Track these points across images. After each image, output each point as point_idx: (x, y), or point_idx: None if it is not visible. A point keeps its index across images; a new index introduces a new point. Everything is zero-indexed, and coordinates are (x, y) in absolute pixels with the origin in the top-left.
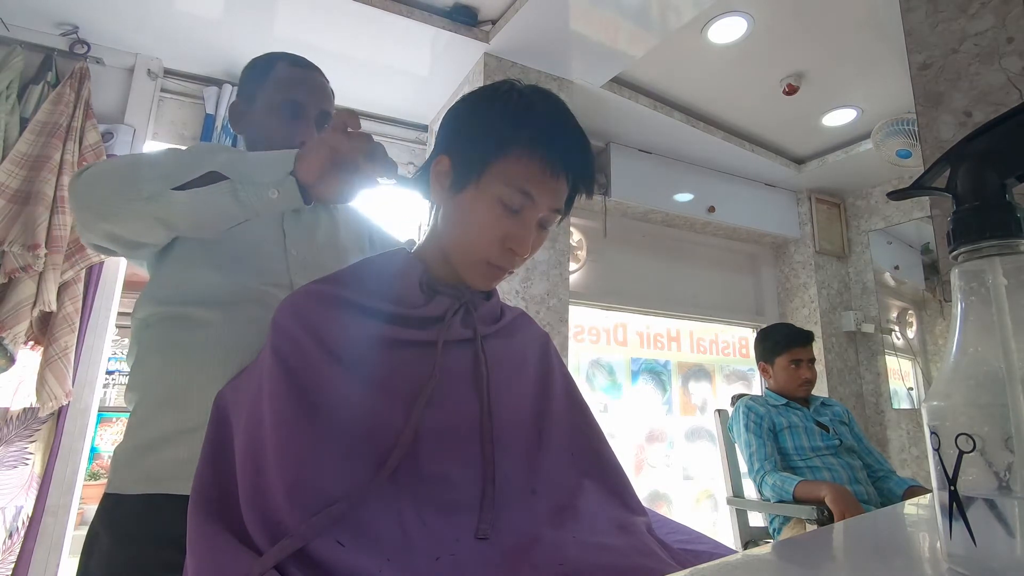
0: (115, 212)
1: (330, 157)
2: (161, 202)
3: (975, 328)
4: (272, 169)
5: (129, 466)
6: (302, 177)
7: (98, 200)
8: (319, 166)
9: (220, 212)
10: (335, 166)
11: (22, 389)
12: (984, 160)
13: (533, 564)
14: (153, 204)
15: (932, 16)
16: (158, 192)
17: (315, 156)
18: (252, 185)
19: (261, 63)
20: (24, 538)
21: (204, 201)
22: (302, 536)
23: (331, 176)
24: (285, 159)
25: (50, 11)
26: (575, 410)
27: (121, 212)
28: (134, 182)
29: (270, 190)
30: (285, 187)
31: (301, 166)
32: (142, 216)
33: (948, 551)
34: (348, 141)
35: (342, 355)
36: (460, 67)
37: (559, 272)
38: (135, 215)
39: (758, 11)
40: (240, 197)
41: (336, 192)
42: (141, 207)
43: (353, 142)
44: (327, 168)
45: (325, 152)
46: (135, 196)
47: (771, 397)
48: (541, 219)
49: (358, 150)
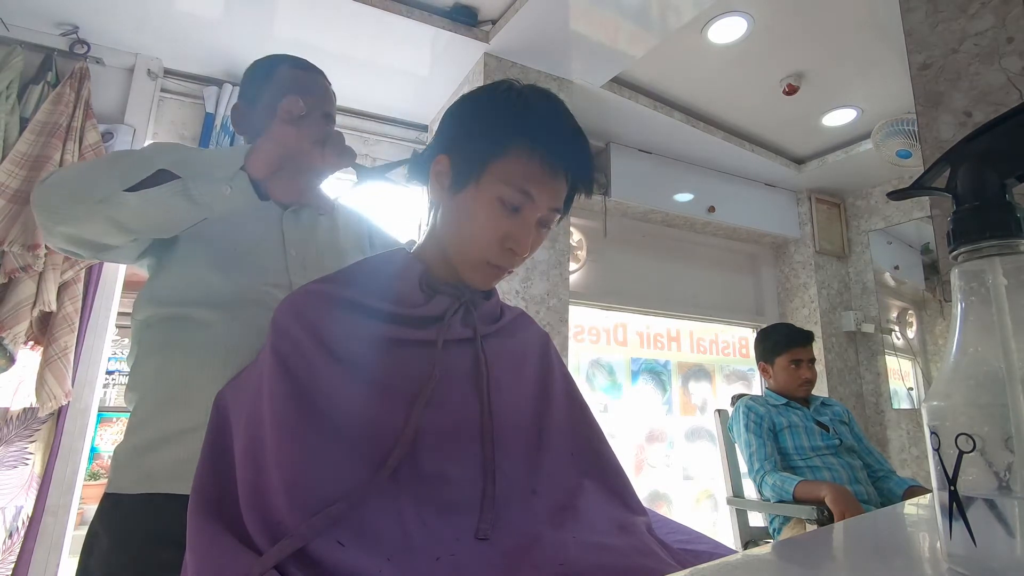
0: (70, 215)
1: (278, 150)
2: (113, 203)
3: (975, 328)
4: (223, 165)
5: (129, 466)
6: (252, 172)
7: (54, 204)
8: (269, 159)
9: (173, 211)
10: (287, 159)
11: (22, 389)
12: (984, 160)
13: (533, 564)
14: (105, 206)
15: (932, 16)
16: (109, 194)
17: (264, 150)
18: (204, 182)
19: (264, 65)
20: (24, 538)
21: (155, 201)
22: (302, 536)
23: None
24: (236, 155)
25: (50, 11)
26: (575, 410)
27: (75, 215)
28: (87, 185)
29: (222, 186)
30: (237, 182)
31: (251, 161)
32: (96, 218)
33: (948, 551)
34: (295, 131)
35: (342, 355)
36: (460, 67)
37: (559, 272)
38: (89, 217)
39: (758, 11)
40: (192, 195)
41: (293, 187)
42: (94, 209)
43: (302, 131)
44: (277, 162)
45: (272, 145)
46: (88, 198)
47: (771, 397)
48: (541, 218)
49: (306, 139)
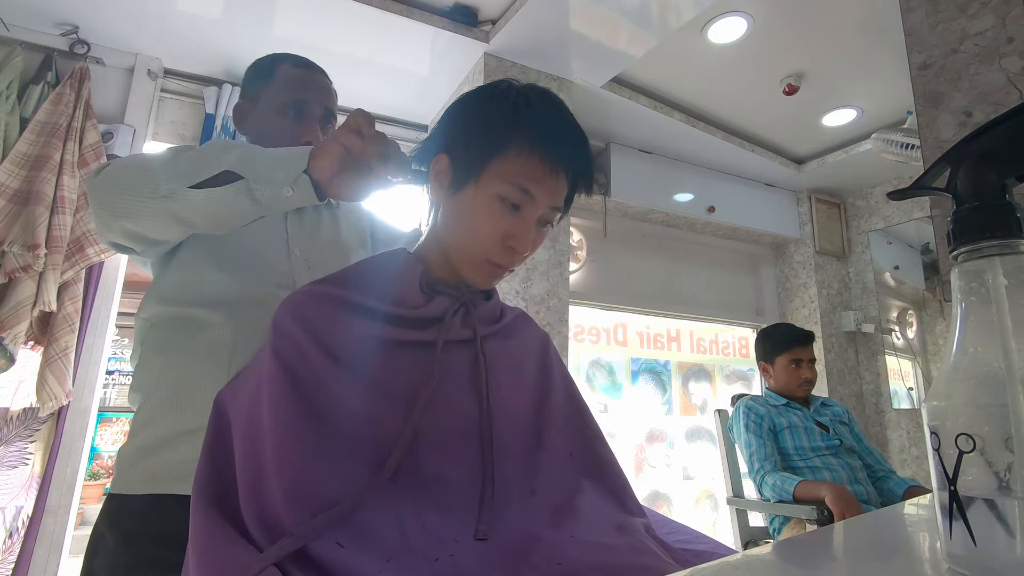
0: (133, 210)
1: (344, 156)
2: (178, 200)
3: (975, 328)
4: (286, 168)
5: (133, 467)
6: (316, 175)
7: (116, 198)
8: (333, 165)
9: (235, 210)
10: (349, 166)
11: (22, 389)
12: (984, 160)
13: (532, 564)
14: (170, 202)
15: (932, 16)
16: (174, 190)
17: (329, 155)
18: (266, 184)
19: (265, 64)
20: (24, 538)
21: (220, 200)
22: (302, 536)
23: (345, 175)
24: (299, 157)
25: (50, 11)
26: (574, 411)
27: (139, 210)
28: (151, 180)
29: (285, 188)
30: (299, 185)
31: (315, 164)
32: (159, 214)
33: (948, 551)
34: (362, 143)
35: (341, 356)
36: (460, 67)
37: (559, 272)
38: (152, 213)
39: (758, 11)
40: (255, 195)
41: (350, 191)
42: (158, 205)
43: (367, 144)
44: (340, 167)
45: (339, 151)
46: (152, 194)
47: (771, 397)
48: (541, 217)
49: (372, 151)
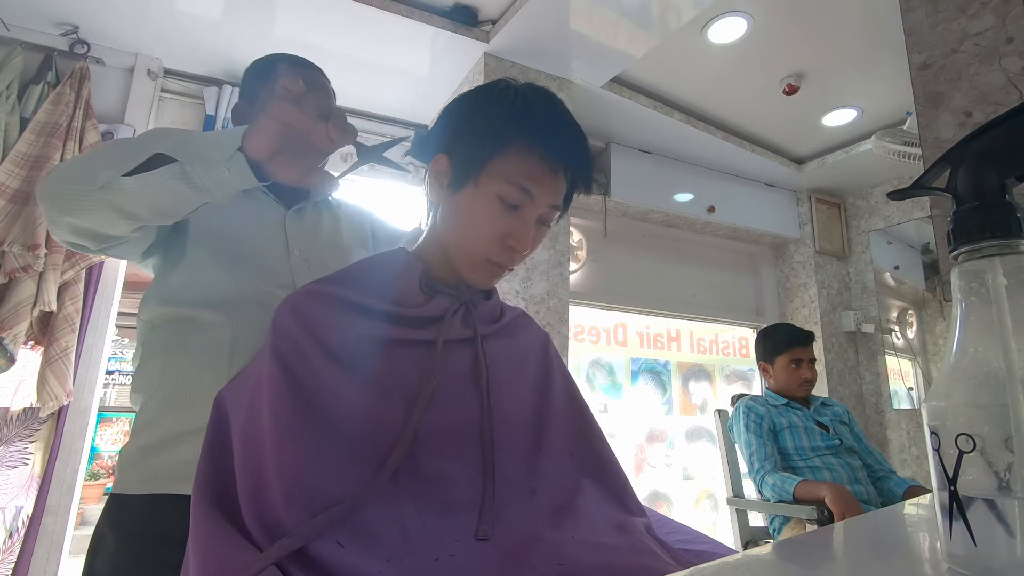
0: (74, 204)
1: (279, 129)
2: (114, 189)
3: (975, 328)
4: (220, 147)
5: (135, 467)
6: (251, 152)
7: (59, 194)
8: (267, 139)
9: (173, 195)
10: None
11: (22, 389)
12: (984, 160)
13: (532, 564)
14: (106, 192)
15: (932, 16)
16: (110, 179)
17: (262, 129)
18: (202, 164)
19: (263, 64)
20: (24, 538)
21: (154, 184)
22: (302, 536)
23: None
24: (233, 136)
25: (50, 11)
26: (575, 410)
27: (80, 205)
28: (89, 173)
29: (221, 168)
30: (235, 164)
31: (249, 142)
32: (100, 207)
33: (948, 551)
34: (297, 109)
35: (342, 355)
36: (460, 67)
37: (559, 272)
38: (93, 206)
39: (758, 11)
40: (191, 177)
41: (295, 169)
42: (98, 197)
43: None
44: (278, 142)
45: (272, 123)
46: (91, 186)
47: (771, 397)
48: (540, 216)
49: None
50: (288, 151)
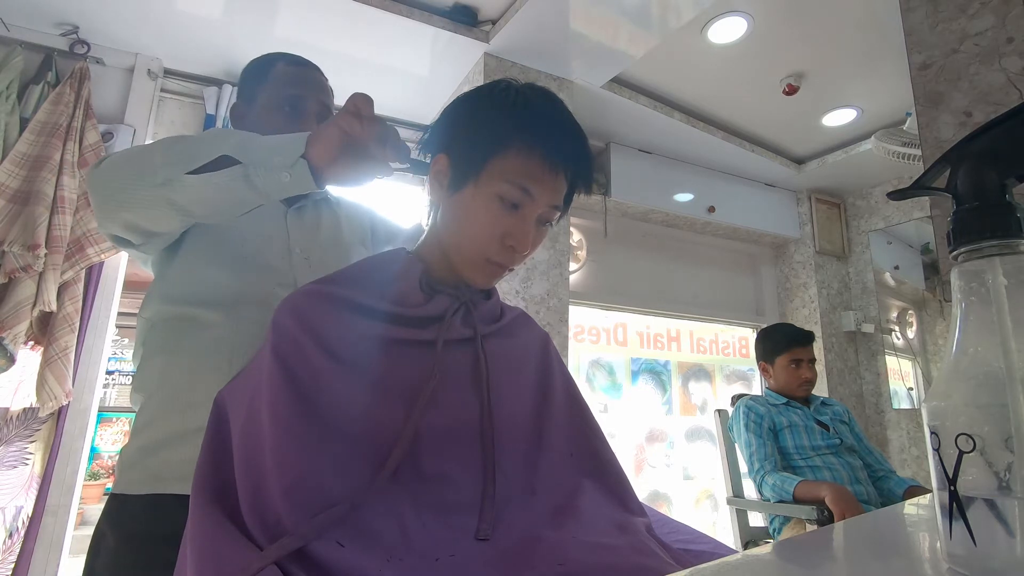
0: (132, 200)
1: (342, 140)
2: (175, 187)
3: (975, 328)
4: (284, 153)
5: (135, 467)
6: (314, 160)
7: (115, 188)
8: (331, 149)
9: (233, 196)
10: (347, 150)
11: (22, 389)
12: (984, 160)
13: (532, 564)
14: (167, 189)
15: (932, 16)
16: (172, 177)
17: (327, 139)
18: (264, 169)
19: (260, 63)
20: (24, 538)
21: (217, 185)
22: (302, 535)
23: (343, 160)
24: (297, 142)
25: (50, 11)
26: (575, 410)
27: (137, 199)
28: (149, 168)
29: (282, 173)
30: (297, 170)
31: (313, 149)
32: (157, 203)
33: (948, 551)
34: (360, 125)
35: (342, 355)
36: (460, 67)
37: (559, 272)
38: (151, 202)
39: (758, 11)
40: (253, 181)
41: (348, 177)
42: (156, 193)
43: (366, 126)
44: (339, 152)
45: (337, 135)
46: (150, 182)
47: (771, 397)
48: (540, 215)
49: (370, 134)
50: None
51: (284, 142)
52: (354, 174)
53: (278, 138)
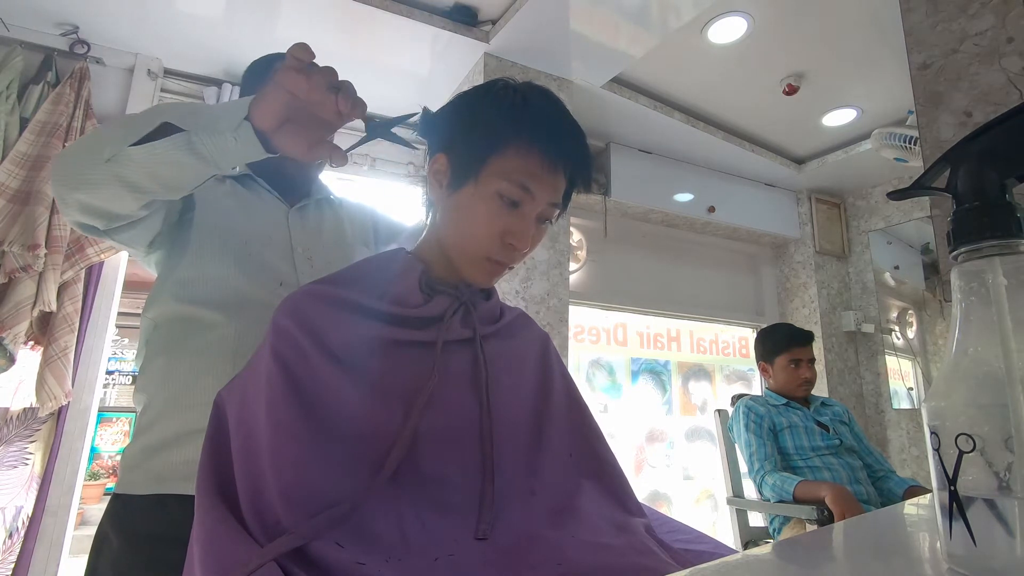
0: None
1: (286, 99)
2: (121, 161)
3: (975, 328)
4: (226, 117)
5: (138, 467)
6: (257, 122)
7: (68, 171)
8: (275, 109)
9: (178, 165)
10: (295, 110)
11: (22, 389)
12: (984, 160)
13: (532, 564)
14: (114, 164)
15: (932, 16)
16: (117, 151)
17: (269, 99)
18: (207, 134)
19: (261, 64)
20: (24, 538)
21: (161, 154)
22: (301, 535)
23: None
24: (239, 106)
25: (50, 11)
26: (574, 411)
27: (88, 179)
28: (96, 147)
29: (227, 138)
30: (241, 134)
31: (255, 111)
32: (107, 180)
33: (948, 551)
34: (305, 79)
35: (341, 356)
36: (460, 67)
37: (559, 272)
38: (101, 180)
39: (758, 11)
40: (197, 148)
41: (302, 140)
42: (106, 170)
43: (312, 79)
44: (284, 112)
45: (279, 93)
46: (98, 159)
47: (771, 397)
48: (540, 213)
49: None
50: (295, 122)
51: (228, 106)
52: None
53: (223, 103)
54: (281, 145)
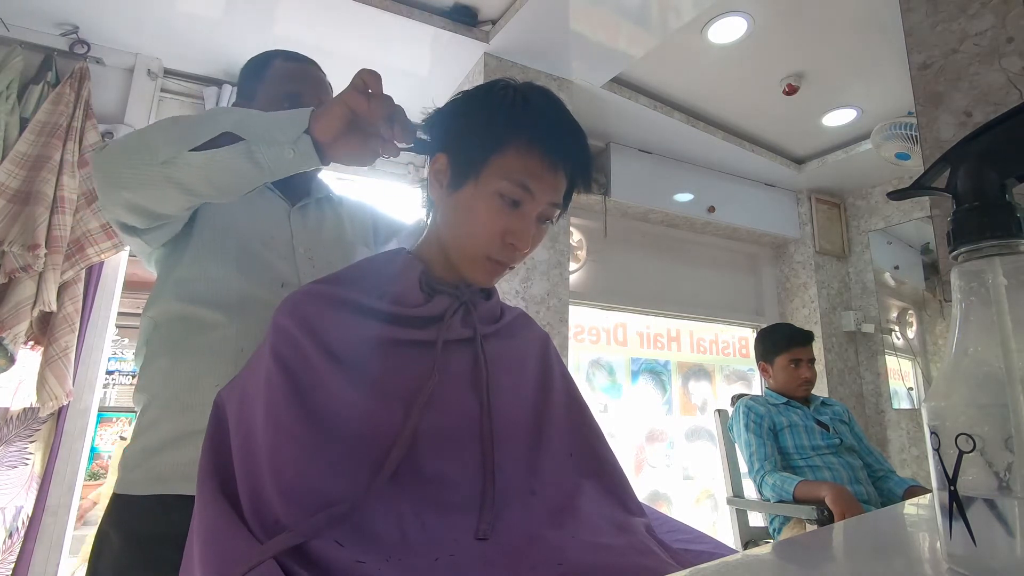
0: (133, 179)
1: (347, 117)
2: (178, 164)
3: (975, 328)
4: (287, 128)
5: (139, 467)
6: (318, 136)
7: (117, 168)
8: (336, 125)
9: (237, 173)
10: (353, 127)
11: (22, 389)
12: (984, 160)
13: (532, 564)
14: (170, 168)
15: (932, 16)
16: (174, 155)
17: (332, 115)
18: (267, 144)
19: (258, 61)
20: (24, 538)
21: (220, 162)
22: (301, 533)
23: (348, 138)
24: (300, 117)
25: (50, 11)
26: (575, 410)
27: (139, 179)
28: (150, 147)
29: (286, 149)
30: (301, 146)
31: (317, 124)
32: (159, 182)
33: (948, 551)
34: (368, 102)
35: (341, 356)
36: (460, 67)
37: (559, 272)
38: (153, 181)
39: (758, 11)
40: (256, 157)
41: (353, 154)
42: (159, 171)
43: (373, 103)
44: (344, 128)
45: (342, 111)
46: (152, 161)
47: (771, 397)
48: (540, 213)
49: (378, 112)
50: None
51: (287, 117)
52: (359, 152)
53: (281, 114)
54: (335, 157)
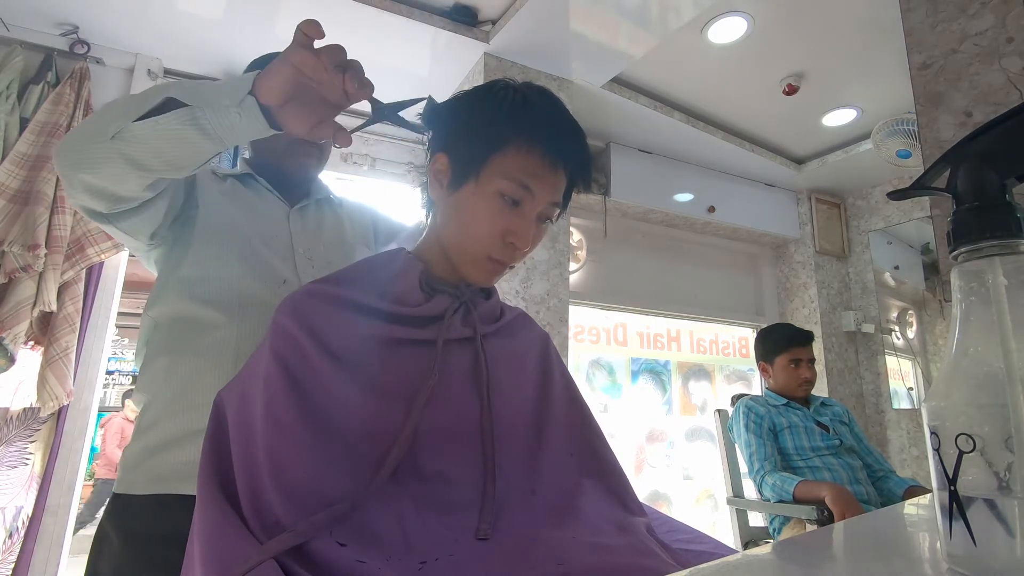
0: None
1: (293, 76)
2: (125, 138)
3: (975, 328)
4: (231, 92)
5: (139, 467)
6: (262, 97)
7: (73, 150)
8: (281, 85)
9: (182, 141)
10: (301, 87)
11: (22, 389)
12: (984, 160)
13: (532, 564)
14: (118, 142)
15: (932, 16)
16: (121, 128)
17: (275, 74)
18: (212, 109)
19: (260, 62)
20: (24, 538)
21: (165, 130)
22: (301, 533)
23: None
24: (244, 80)
25: (50, 11)
26: (575, 410)
27: (92, 157)
28: (101, 125)
29: (231, 112)
30: (245, 108)
31: (261, 85)
32: (113, 158)
33: (948, 551)
34: (313, 56)
35: (341, 355)
36: (460, 67)
37: (559, 272)
38: (105, 159)
39: (758, 11)
40: (201, 123)
41: (307, 119)
42: (110, 147)
43: (321, 57)
44: (291, 89)
45: (287, 69)
46: (102, 137)
47: (771, 397)
48: (540, 212)
49: (325, 63)
50: (301, 100)
51: (232, 81)
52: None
53: (228, 79)
54: (284, 122)
